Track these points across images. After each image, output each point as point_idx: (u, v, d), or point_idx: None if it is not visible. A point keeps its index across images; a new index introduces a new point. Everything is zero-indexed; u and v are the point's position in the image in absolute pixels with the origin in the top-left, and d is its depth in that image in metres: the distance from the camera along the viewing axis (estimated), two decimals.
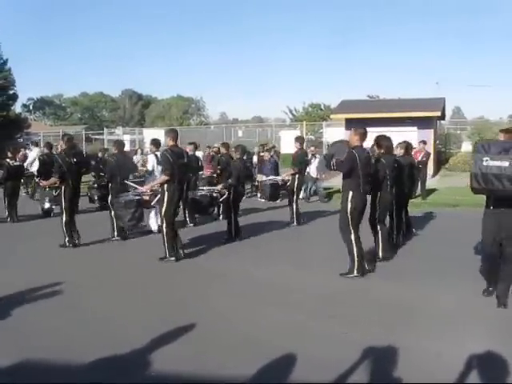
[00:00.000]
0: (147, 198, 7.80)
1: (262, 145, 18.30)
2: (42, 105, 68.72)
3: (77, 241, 8.37)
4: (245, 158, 13.21)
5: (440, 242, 8.31)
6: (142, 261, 7.36)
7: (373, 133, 14.36)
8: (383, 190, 7.22)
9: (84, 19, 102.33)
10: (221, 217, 10.43)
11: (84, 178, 9.45)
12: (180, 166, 7.24)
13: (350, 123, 17.83)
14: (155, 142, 9.75)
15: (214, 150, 14.86)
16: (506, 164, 4.72)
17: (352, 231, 6.36)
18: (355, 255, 6.37)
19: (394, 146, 8.50)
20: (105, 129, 33.28)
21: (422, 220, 10.52)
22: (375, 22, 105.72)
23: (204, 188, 9.80)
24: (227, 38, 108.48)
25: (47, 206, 9.98)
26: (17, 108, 33.12)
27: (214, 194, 8.85)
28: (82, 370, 3.92)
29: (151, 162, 9.59)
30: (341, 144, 6.97)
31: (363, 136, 6.43)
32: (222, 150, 10.71)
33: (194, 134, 31.38)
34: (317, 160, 13.91)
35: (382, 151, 7.18)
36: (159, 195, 7.37)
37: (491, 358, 4.05)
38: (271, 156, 15.45)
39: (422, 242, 8.52)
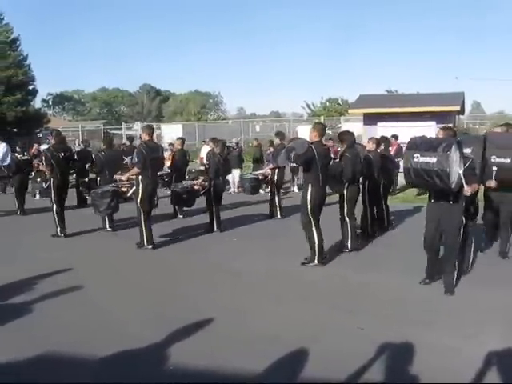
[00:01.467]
0: (124, 189, 8.14)
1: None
2: (61, 100, 69.48)
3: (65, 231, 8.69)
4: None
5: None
6: (137, 252, 7.51)
7: (391, 127, 14.40)
8: (350, 183, 7.38)
9: (103, 16, 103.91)
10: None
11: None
12: (153, 160, 7.61)
13: (368, 118, 17.63)
14: None
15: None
16: (434, 160, 4.96)
17: (312, 223, 6.58)
18: (316, 245, 6.60)
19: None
20: (123, 124, 33.82)
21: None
22: (393, 16, 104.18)
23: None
24: (245, 34, 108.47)
25: (37, 197, 10.45)
26: (36, 103, 33.86)
27: (196, 187, 9.12)
28: (96, 366, 3.93)
29: None
30: (302, 139, 7.19)
31: (322, 132, 6.66)
32: (211, 145, 10.97)
33: (211, 129, 31.68)
34: None
35: (345, 146, 7.33)
36: (134, 187, 7.73)
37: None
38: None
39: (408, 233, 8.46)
